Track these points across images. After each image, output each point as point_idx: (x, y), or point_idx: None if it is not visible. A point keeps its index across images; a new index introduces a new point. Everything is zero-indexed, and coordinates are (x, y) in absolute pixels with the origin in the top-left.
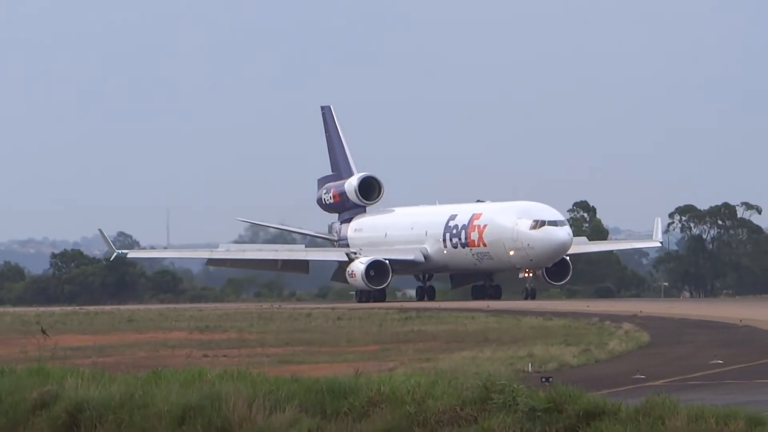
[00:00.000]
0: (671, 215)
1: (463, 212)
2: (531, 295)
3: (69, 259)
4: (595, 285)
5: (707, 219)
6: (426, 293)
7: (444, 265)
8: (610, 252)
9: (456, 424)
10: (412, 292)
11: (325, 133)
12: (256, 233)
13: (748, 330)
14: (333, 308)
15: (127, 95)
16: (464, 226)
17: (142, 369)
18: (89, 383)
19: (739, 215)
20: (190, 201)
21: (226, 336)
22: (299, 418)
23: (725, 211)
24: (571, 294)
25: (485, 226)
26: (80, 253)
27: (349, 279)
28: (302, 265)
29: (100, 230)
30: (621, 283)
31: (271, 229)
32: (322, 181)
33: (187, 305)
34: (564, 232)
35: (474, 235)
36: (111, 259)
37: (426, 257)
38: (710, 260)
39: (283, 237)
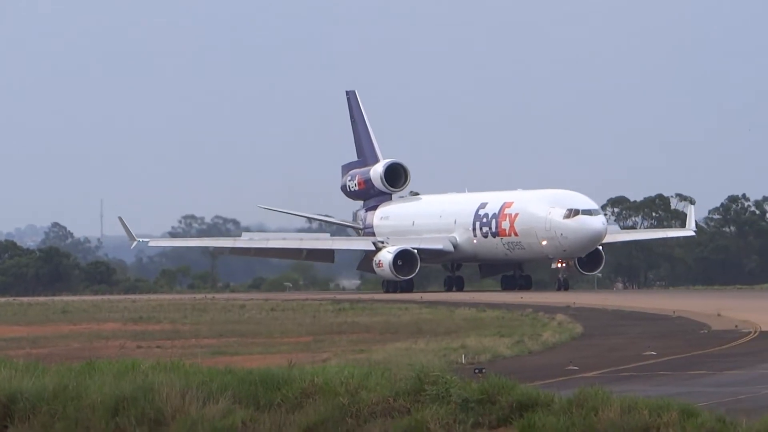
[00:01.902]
0: (603, 207)
1: (493, 200)
2: (564, 285)
3: (2, 249)
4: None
5: (641, 210)
6: (455, 283)
7: (473, 255)
8: None
9: (389, 415)
10: (347, 283)
11: (351, 118)
12: (189, 224)
13: (682, 321)
14: (266, 299)
15: (112, 75)
16: (495, 215)
17: (75, 360)
18: (23, 374)
19: (672, 207)
20: (125, 193)
21: (160, 327)
22: (232, 409)
23: (659, 202)
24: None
25: (517, 214)
26: (14, 244)
27: (375, 269)
28: (328, 254)
29: (120, 218)
30: (554, 274)
31: (206, 220)
32: (347, 168)
33: (121, 296)
34: (598, 222)
35: (505, 224)
36: (131, 247)
37: (455, 246)
38: (643, 251)
39: (218, 227)
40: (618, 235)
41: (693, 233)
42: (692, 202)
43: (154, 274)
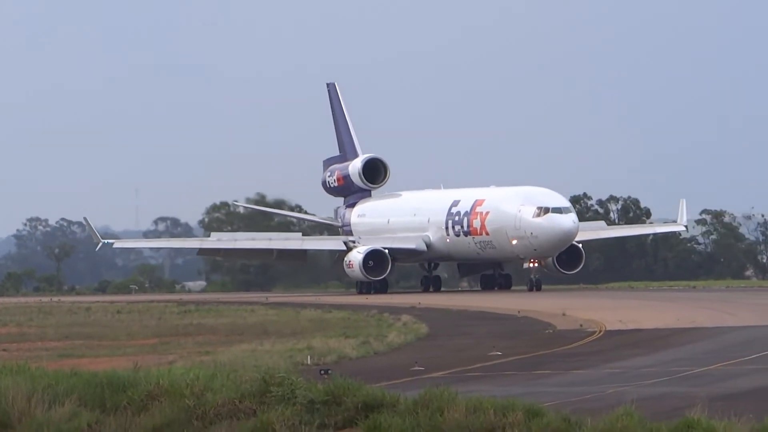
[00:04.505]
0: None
1: (465, 198)
2: (536, 286)
3: None
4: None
5: None
6: (431, 284)
7: (447, 254)
8: None
9: (235, 417)
10: (192, 285)
11: (332, 111)
12: (34, 226)
13: (527, 321)
14: (112, 302)
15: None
16: (467, 213)
17: None
18: None
19: None
20: None
21: (6, 330)
22: (78, 411)
23: None
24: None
25: (488, 213)
26: None
27: (346, 269)
28: (300, 255)
29: (84, 218)
30: (400, 274)
31: (51, 222)
32: (327, 163)
33: None
34: (569, 220)
35: (476, 223)
36: (97, 249)
37: (428, 246)
38: None
39: (63, 230)
40: (603, 232)
41: (684, 228)
42: None
43: None
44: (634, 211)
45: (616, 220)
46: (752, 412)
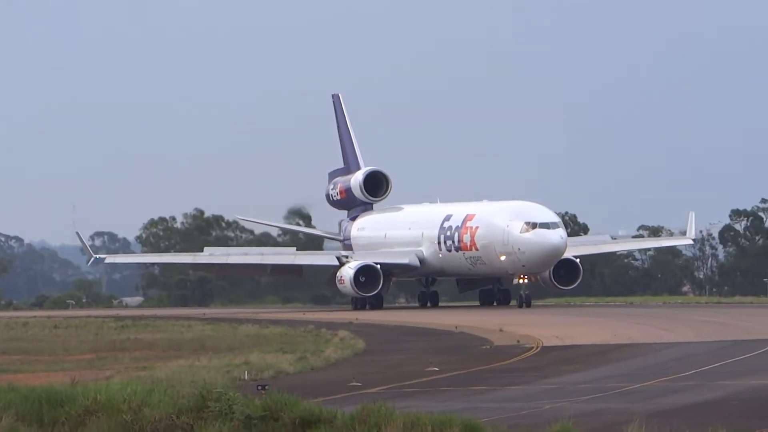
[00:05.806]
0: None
1: (457, 212)
2: (526, 302)
3: None
4: (311, 292)
5: None
6: (429, 299)
7: (440, 270)
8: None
9: None
10: (130, 300)
11: (336, 123)
12: None
13: (464, 337)
14: (49, 317)
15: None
16: (457, 228)
17: None
18: None
19: None
20: None
21: None
22: (16, 427)
23: None
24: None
25: (477, 228)
26: None
27: (338, 285)
28: (295, 270)
29: (77, 233)
30: (337, 290)
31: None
32: (332, 175)
33: None
34: (556, 235)
35: (466, 238)
36: (89, 263)
37: (421, 261)
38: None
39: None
40: (606, 246)
41: (692, 242)
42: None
43: None
44: (572, 227)
45: None
46: (689, 427)
